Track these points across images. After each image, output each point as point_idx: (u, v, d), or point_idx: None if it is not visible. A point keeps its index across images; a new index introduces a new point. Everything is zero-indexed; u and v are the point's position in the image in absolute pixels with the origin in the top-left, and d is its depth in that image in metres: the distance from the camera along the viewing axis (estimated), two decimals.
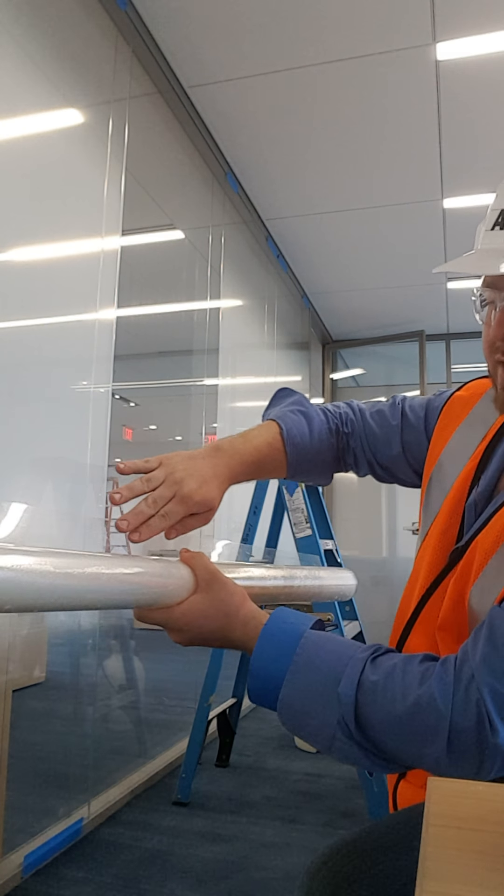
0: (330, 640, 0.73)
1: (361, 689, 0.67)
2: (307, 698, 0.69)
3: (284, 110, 2.91)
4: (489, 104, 2.82)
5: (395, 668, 0.68)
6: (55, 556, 0.65)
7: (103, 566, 0.68)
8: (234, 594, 0.76)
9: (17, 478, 2.00)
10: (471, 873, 0.38)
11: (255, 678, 0.72)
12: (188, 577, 0.75)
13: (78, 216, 2.27)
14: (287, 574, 0.93)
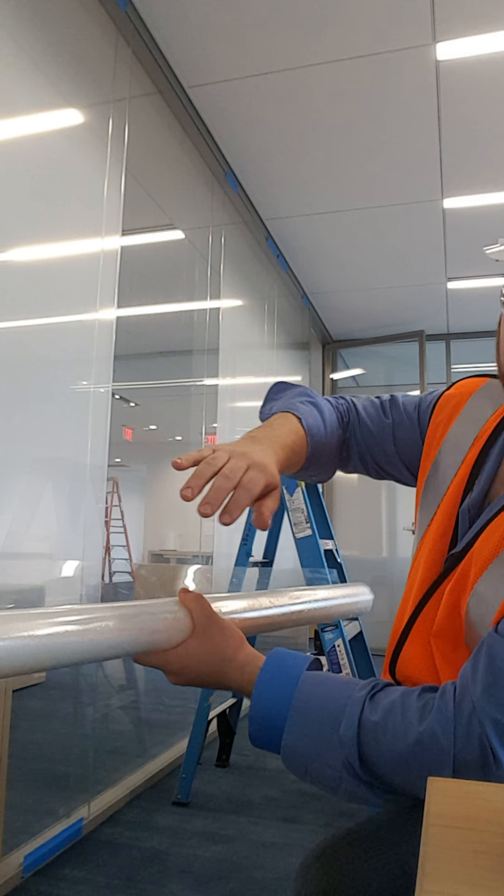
0: (327, 681, 0.72)
1: (363, 729, 0.67)
2: (310, 743, 0.69)
3: (284, 110, 2.91)
4: (489, 104, 2.82)
5: (393, 706, 0.68)
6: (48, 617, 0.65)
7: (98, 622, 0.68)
8: (231, 638, 0.77)
9: (17, 478, 2.00)
10: (471, 873, 0.38)
11: (256, 723, 0.72)
12: (185, 621, 0.76)
13: (78, 216, 2.27)
14: (296, 597, 0.92)
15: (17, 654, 0.62)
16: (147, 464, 13.54)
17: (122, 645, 0.70)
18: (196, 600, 0.77)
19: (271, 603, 0.88)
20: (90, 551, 2.26)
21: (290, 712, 0.70)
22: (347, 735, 0.67)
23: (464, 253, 4.25)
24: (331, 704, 0.69)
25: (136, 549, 12.69)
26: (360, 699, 0.69)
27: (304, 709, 0.70)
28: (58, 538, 2.22)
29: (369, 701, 0.69)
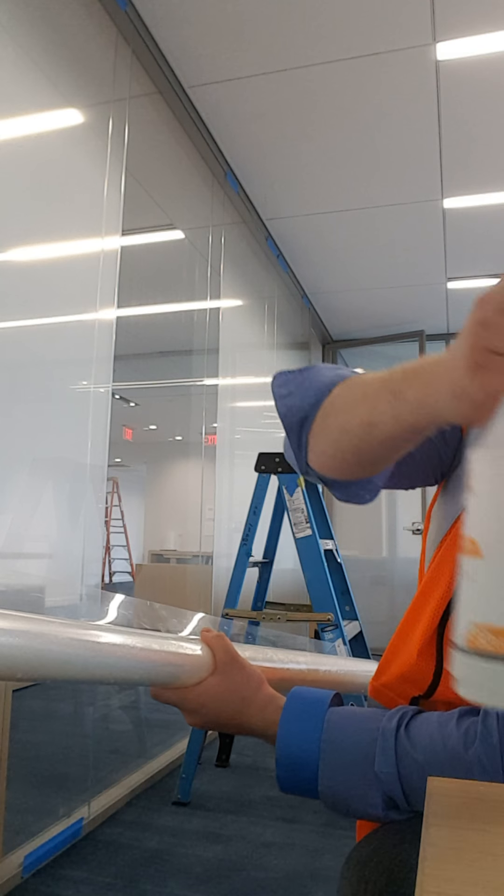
0: (353, 715, 0.70)
1: (402, 764, 0.65)
2: (346, 782, 0.67)
3: (284, 110, 2.91)
4: (489, 104, 2.82)
5: (433, 739, 0.65)
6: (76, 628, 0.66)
7: (122, 641, 0.68)
8: (251, 677, 0.75)
9: (17, 478, 2.00)
10: (471, 873, 0.38)
11: (284, 768, 0.69)
12: (207, 658, 0.74)
13: (78, 216, 2.27)
14: (312, 661, 0.91)
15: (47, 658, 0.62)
16: (147, 464, 13.55)
17: (143, 672, 0.69)
18: (218, 639, 0.76)
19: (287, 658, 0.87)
20: (90, 551, 2.26)
21: (321, 755, 0.67)
22: (384, 771, 0.65)
23: (464, 253, 4.24)
24: (361, 740, 0.67)
25: (136, 549, 12.69)
26: (392, 731, 0.67)
27: (334, 749, 0.67)
28: (58, 538, 2.22)
29: (404, 732, 0.67)
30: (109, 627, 0.70)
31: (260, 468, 2.46)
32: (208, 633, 0.77)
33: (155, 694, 0.74)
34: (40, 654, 0.62)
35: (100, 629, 0.69)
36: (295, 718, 0.70)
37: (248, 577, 2.56)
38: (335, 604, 2.29)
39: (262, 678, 0.76)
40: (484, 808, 0.49)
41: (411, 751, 0.65)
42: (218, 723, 0.75)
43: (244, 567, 2.50)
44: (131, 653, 0.69)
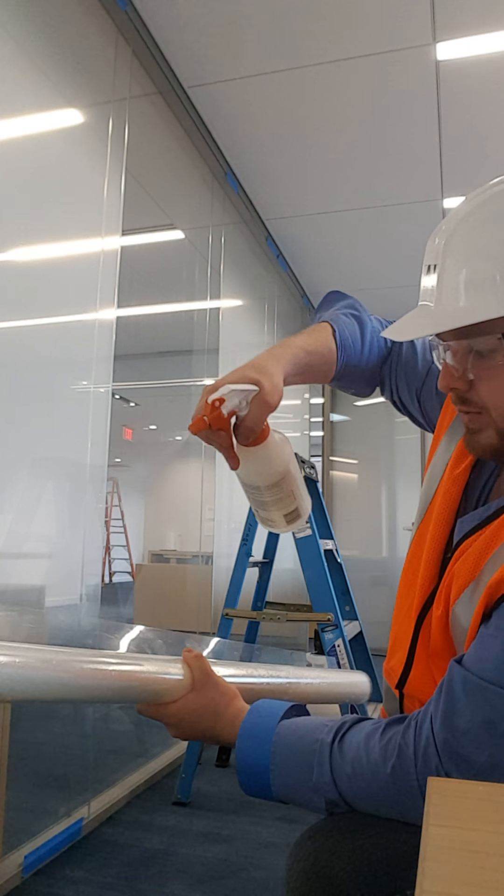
0: (299, 729, 0.76)
1: (336, 775, 0.72)
2: (294, 790, 0.74)
3: (284, 110, 2.91)
4: (489, 104, 2.82)
5: (359, 751, 0.71)
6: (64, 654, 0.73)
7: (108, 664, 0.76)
8: (224, 694, 0.82)
9: (17, 478, 2.00)
10: (471, 873, 0.38)
11: (243, 776, 0.77)
12: (186, 677, 0.82)
13: (78, 216, 2.26)
14: (293, 675, 0.97)
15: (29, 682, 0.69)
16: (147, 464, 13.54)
17: (127, 693, 0.77)
18: (196, 659, 0.83)
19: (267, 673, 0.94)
20: (90, 551, 2.26)
21: (270, 766, 0.74)
22: (322, 781, 0.72)
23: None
24: (304, 752, 0.74)
25: (136, 549, 12.69)
26: (328, 745, 0.73)
27: (281, 761, 0.74)
28: (58, 538, 2.22)
29: (338, 745, 0.73)
30: (101, 652, 0.78)
31: None
32: (189, 653, 0.84)
33: (139, 709, 0.82)
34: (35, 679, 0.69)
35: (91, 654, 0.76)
36: (249, 734, 0.77)
37: (248, 577, 2.56)
38: (335, 604, 2.29)
39: (235, 693, 0.83)
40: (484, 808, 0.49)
41: (342, 763, 0.72)
42: (194, 735, 0.82)
43: (244, 567, 2.50)
44: (117, 676, 0.76)
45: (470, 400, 0.77)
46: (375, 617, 2.97)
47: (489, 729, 0.66)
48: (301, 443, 5.41)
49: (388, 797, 0.69)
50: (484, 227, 0.73)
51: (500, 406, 0.75)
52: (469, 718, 0.67)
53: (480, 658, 0.69)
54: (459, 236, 0.74)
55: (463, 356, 0.75)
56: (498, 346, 0.72)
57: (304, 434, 5.45)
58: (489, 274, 0.70)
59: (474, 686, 0.68)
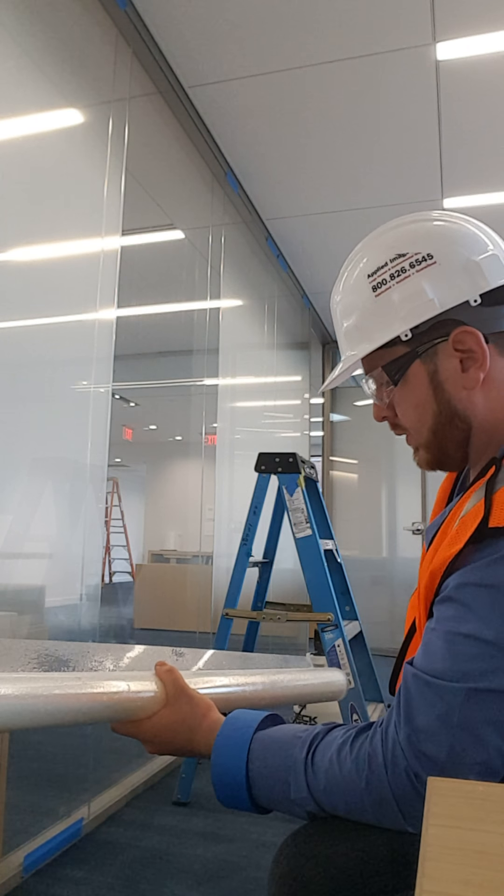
0: (272, 743, 0.76)
1: (312, 791, 0.72)
2: (275, 804, 0.75)
3: (284, 110, 2.91)
4: (489, 104, 2.82)
5: (331, 765, 0.72)
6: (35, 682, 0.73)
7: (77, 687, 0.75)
8: (197, 706, 0.82)
9: (17, 478, 2.00)
10: (471, 873, 0.38)
11: (220, 791, 0.77)
12: (159, 693, 0.81)
13: (78, 216, 2.27)
14: (268, 680, 0.96)
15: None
16: (147, 464, 13.54)
17: (100, 713, 0.76)
18: (169, 673, 0.83)
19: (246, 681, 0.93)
20: (90, 551, 2.26)
21: (248, 782, 0.75)
22: (299, 796, 0.73)
23: None
24: (278, 768, 0.74)
25: (136, 549, 12.70)
26: (301, 761, 0.74)
27: (258, 777, 0.75)
28: (58, 538, 2.22)
29: (310, 761, 0.73)
30: (67, 675, 0.77)
31: (260, 468, 2.46)
32: (161, 666, 0.84)
33: (114, 728, 0.82)
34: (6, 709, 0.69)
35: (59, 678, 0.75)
36: (223, 748, 0.77)
37: (248, 577, 2.56)
38: (335, 604, 2.29)
39: (210, 706, 0.83)
40: (484, 808, 0.49)
41: (316, 780, 0.72)
42: (171, 749, 0.82)
43: (244, 567, 2.50)
44: (87, 698, 0.75)
45: (398, 425, 0.90)
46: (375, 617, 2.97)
47: (444, 723, 0.67)
48: (301, 443, 5.41)
49: (365, 808, 0.70)
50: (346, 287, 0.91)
51: (411, 425, 0.88)
52: (425, 716, 0.69)
53: (426, 653, 0.72)
54: (337, 299, 0.93)
55: (379, 390, 0.90)
56: (382, 378, 0.87)
57: (303, 434, 5.46)
58: (353, 323, 0.88)
59: (424, 683, 0.70)
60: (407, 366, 0.84)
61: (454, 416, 0.83)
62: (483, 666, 0.67)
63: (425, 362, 0.83)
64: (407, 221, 0.89)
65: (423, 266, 0.82)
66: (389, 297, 0.84)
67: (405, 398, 0.86)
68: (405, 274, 0.83)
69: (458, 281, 0.82)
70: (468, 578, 0.70)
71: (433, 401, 0.84)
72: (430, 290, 0.81)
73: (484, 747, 0.66)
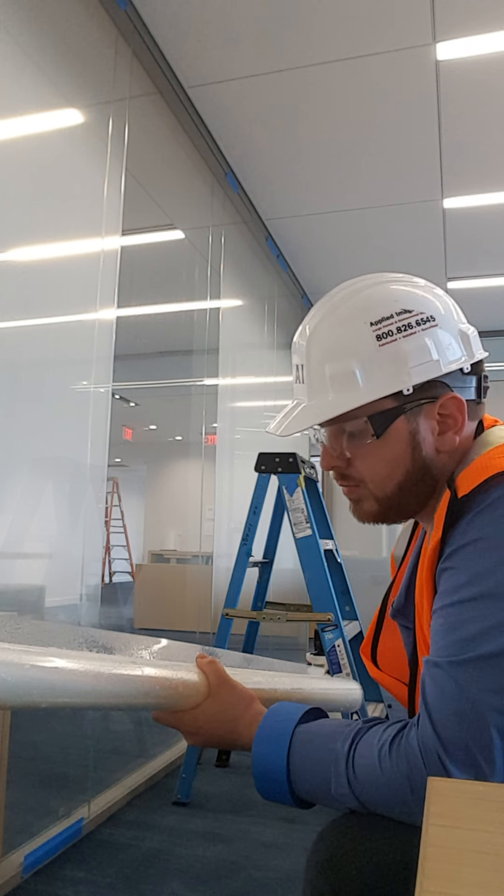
0: (316, 736, 0.76)
1: (354, 790, 0.72)
2: (316, 798, 0.76)
3: (284, 110, 2.91)
4: (489, 104, 2.82)
5: (373, 768, 0.72)
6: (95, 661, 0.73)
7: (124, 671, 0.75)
8: (241, 697, 0.82)
9: (17, 478, 2.00)
10: (471, 873, 0.38)
11: (260, 781, 0.77)
12: (202, 684, 0.81)
13: (78, 216, 2.27)
14: (296, 684, 0.97)
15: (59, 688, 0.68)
16: (147, 464, 13.54)
17: (145, 699, 0.76)
18: (211, 664, 0.84)
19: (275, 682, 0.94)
20: (90, 551, 2.26)
21: (289, 776, 0.75)
22: (340, 793, 0.73)
23: (464, 253, 4.25)
24: (321, 762, 0.75)
25: (136, 549, 12.69)
26: (343, 756, 0.73)
27: (299, 771, 0.75)
28: (58, 538, 2.22)
29: (352, 760, 0.73)
30: (114, 658, 0.76)
31: (260, 468, 2.46)
32: (202, 659, 0.85)
33: (156, 717, 0.82)
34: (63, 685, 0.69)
35: (105, 659, 0.75)
36: (265, 739, 0.78)
37: (248, 577, 2.56)
38: (335, 604, 2.29)
39: (253, 697, 0.84)
40: (484, 808, 0.49)
41: (356, 781, 0.72)
42: (213, 741, 0.82)
43: (244, 567, 2.50)
44: (134, 682, 0.75)
45: (349, 475, 0.89)
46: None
47: (458, 703, 0.69)
48: (301, 443, 5.41)
49: (413, 811, 0.70)
50: (336, 328, 0.86)
51: (375, 479, 0.87)
52: (440, 701, 0.70)
53: (433, 637, 0.75)
54: (318, 338, 0.87)
55: (338, 438, 0.88)
56: (365, 427, 0.84)
57: (304, 434, 5.45)
58: (349, 368, 0.83)
59: (433, 665, 0.72)
60: (392, 420, 0.83)
61: (424, 475, 0.86)
62: (479, 627, 0.70)
63: (409, 420, 0.84)
64: (396, 279, 0.88)
65: (427, 327, 0.83)
66: (395, 350, 0.82)
67: (379, 452, 0.85)
68: (411, 330, 0.83)
69: (454, 348, 0.85)
70: (453, 546, 0.76)
71: (409, 459, 0.85)
72: (434, 351, 0.83)
73: (501, 716, 0.68)
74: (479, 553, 0.73)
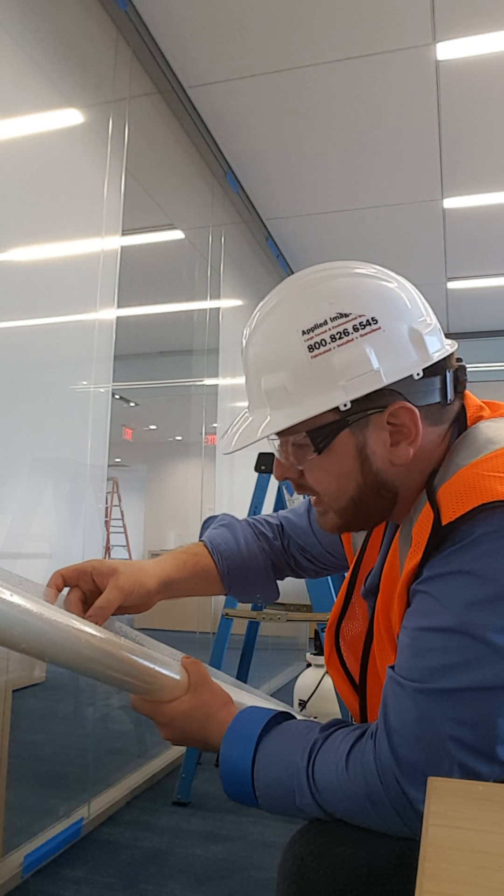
0: (281, 744, 0.76)
1: (317, 800, 0.72)
2: (280, 808, 0.75)
3: (284, 110, 2.91)
4: (489, 104, 2.82)
5: (333, 780, 0.71)
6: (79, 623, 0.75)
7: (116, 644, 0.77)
8: (217, 698, 0.83)
9: (17, 478, 2.00)
10: (471, 873, 0.38)
11: (227, 784, 0.76)
12: (183, 678, 0.82)
13: (78, 216, 2.27)
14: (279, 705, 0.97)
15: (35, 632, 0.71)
16: (147, 464, 13.54)
17: (126, 674, 0.78)
18: (195, 663, 0.85)
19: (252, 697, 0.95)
20: (90, 551, 2.26)
21: (254, 783, 0.75)
22: (305, 803, 0.72)
23: (464, 253, 4.25)
24: (285, 773, 0.73)
25: (136, 549, 12.69)
26: (304, 770, 0.72)
27: (263, 779, 0.75)
28: (58, 538, 2.22)
29: (311, 772, 0.72)
30: (108, 632, 0.78)
31: (260, 468, 2.46)
32: (187, 658, 0.86)
33: (134, 703, 0.82)
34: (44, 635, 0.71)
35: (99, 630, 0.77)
36: (232, 742, 0.77)
37: None
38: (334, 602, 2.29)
39: (228, 699, 0.84)
40: (484, 808, 0.49)
41: (319, 794, 0.72)
42: (185, 736, 0.82)
43: None
44: (121, 655, 0.77)
45: (305, 486, 0.83)
46: None
47: (418, 728, 0.67)
48: None
49: (372, 819, 0.70)
50: (268, 338, 0.78)
51: (327, 492, 0.81)
52: (400, 720, 0.69)
53: (399, 654, 0.73)
54: (253, 349, 0.80)
55: (286, 450, 0.81)
56: (304, 442, 0.78)
57: None
58: (279, 383, 0.76)
59: (396, 683, 0.70)
60: (334, 435, 0.76)
61: (380, 488, 0.79)
62: (448, 659, 0.67)
63: (354, 433, 0.77)
64: (339, 273, 0.79)
65: (368, 331, 0.74)
66: (329, 361, 0.74)
67: (325, 467, 0.79)
68: (348, 337, 0.74)
69: (402, 352, 0.76)
70: (432, 572, 0.71)
71: (358, 473, 0.78)
72: (374, 360, 0.74)
73: (461, 748, 0.66)
74: (458, 586, 0.69)
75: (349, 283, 0.78)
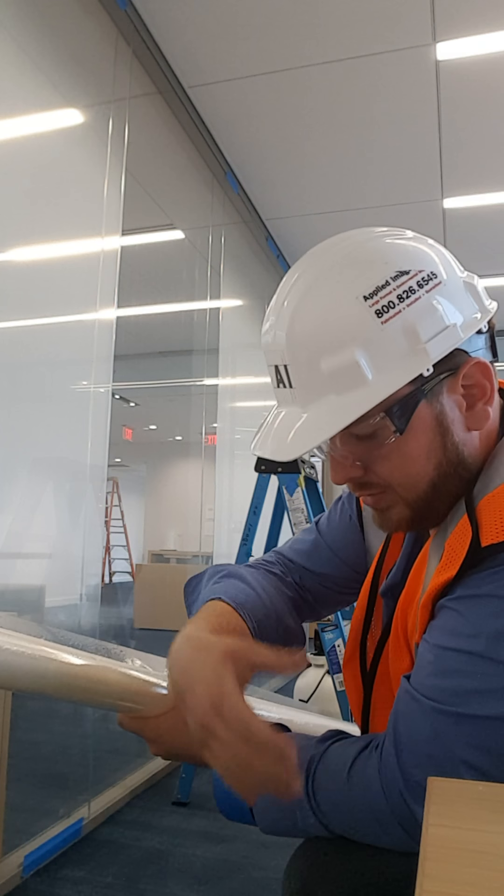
0: None
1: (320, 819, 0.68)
2: (281, 829, 0.72)
3: (284, 110, 2.91)
4: (489, 104, 2.82)
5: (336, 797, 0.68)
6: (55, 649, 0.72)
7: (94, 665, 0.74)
8: None
9: (17, 478, 2.00)
10: (471, 873, 0.38)
11: (222, 804, 0.74)
12: (169, 693, 0.77)
13: (78, 216, 2.27)
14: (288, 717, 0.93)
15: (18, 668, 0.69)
16: (147, 464, 13.55)
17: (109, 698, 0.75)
18: None
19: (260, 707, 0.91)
20: (90, 551, 2.27)
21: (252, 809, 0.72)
22: (309, 823, 0.69)
23: (464, 253, 4.23)
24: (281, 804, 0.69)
25: (136, 549, 12.69)
26: (303, 792, 0.69)
27: (260, 803, 0.71)
28: (58, 538, 2.22)
29: (312, 792, 0.69)
30: (86, 655, 0.76)
31: (260, 468, 2.46)
32: None
33: (120, 721, 0.78)
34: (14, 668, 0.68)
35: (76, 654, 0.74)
36: None
37: None
38: None
39: None
40: (484, 808, 0.49)
41: (322, 813, 0.68)
42: (174, 751, 0.78)
43: None
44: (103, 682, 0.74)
45: (370, 483, 0.74)
46: None
47: (430, 748, 0.64)
48: None
49: (379, 835, 0.67)
50: (321, 312, 0.68)
51: (403, 481, 0.72)
52: (412, 737, 0.65)
53: (418, 667, 0.68)
54: (300, 328, 0.69)
55: (348, 445, 0.72)
56: (383, 425, 0.68)
57: None
58: (351, 359, 0.66)
59: (412, 698, 0.66)
60: (413, 408, 0.68)
61: (459, 465, 0.71)
62: (471, 685, 0.63)
63: (431, 402, 0.69)
64: (371, 236, 0.73)
65: (432, 286, 0.68)
66: (402, 324, 0.66)
67: (402, 449, 0.70)
68: (415, 295, 0.67)
69: (466, 304, 0.70)
70: (465, 591, 0.66)
71: (440, 448, 0.70)
72: (447, 315, 0.67)
73: (474, 773, 0.64)
74: (492, 612, 0.64)
75: (389, 242, 0.72)
